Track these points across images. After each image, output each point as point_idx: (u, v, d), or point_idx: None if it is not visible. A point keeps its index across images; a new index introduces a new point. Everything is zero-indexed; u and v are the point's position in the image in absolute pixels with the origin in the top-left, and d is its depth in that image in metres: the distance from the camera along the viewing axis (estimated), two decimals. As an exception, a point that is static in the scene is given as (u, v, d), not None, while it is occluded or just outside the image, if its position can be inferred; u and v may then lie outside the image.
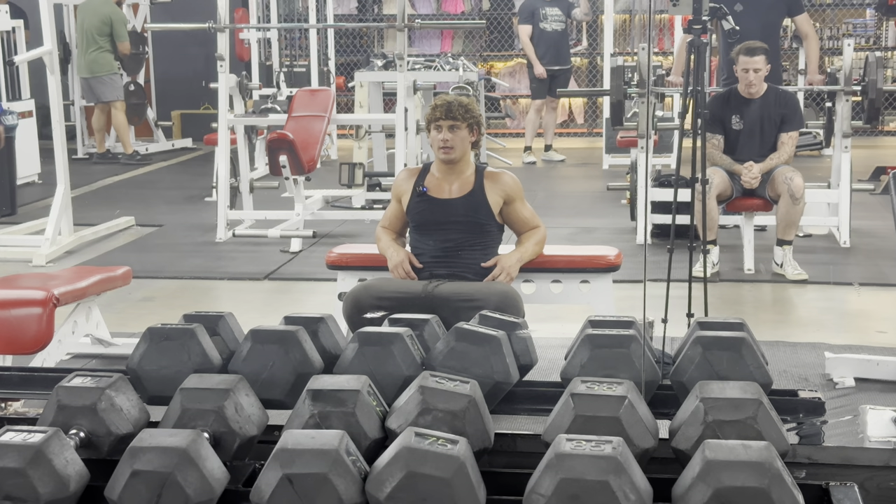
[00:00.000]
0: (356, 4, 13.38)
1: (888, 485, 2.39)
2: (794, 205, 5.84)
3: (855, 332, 5.06)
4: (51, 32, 6.95)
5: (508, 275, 4.13)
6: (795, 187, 5.80)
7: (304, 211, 7.24)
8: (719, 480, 1.94)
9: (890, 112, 11.97)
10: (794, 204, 5.84)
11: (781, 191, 5.84)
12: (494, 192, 4.20)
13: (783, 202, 5.87)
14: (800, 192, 5.81)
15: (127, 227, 7.73)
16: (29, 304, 3.96)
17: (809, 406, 2.64)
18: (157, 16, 11.64)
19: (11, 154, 7.84)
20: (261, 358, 2.68)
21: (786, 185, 5.82)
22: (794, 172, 5.86)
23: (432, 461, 1.99)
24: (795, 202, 5.83)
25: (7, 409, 2.89)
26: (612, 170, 9.76)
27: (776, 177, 5.89)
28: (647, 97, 6.41)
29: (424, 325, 2.90)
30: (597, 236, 7.07)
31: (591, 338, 2.68)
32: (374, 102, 8.98)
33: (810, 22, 6.88)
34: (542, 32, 10.32)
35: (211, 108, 10.49)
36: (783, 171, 5.88)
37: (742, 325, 2.81)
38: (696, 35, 4.22)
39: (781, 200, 5.88)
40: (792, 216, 5.90)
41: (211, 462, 2.10)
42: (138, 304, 5.65)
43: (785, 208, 5.88)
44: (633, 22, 11.69)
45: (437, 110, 4.17)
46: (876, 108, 6.49)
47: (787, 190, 5.81)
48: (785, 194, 5.83)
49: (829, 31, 12.21)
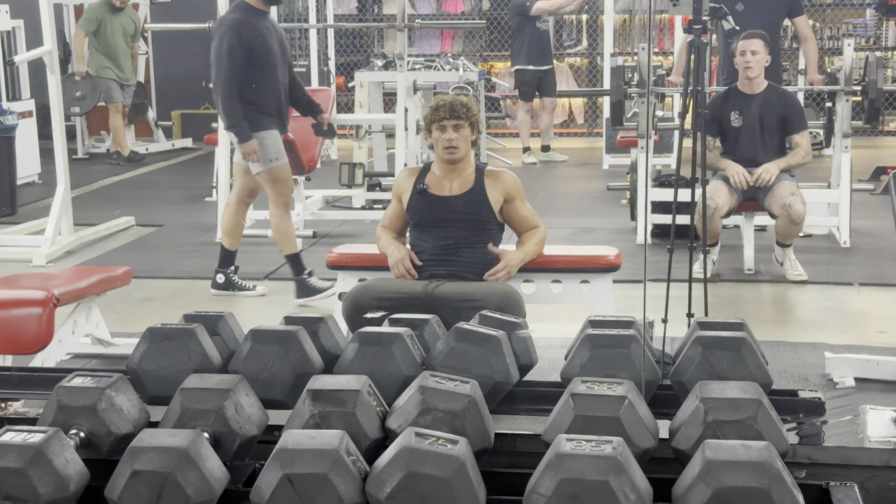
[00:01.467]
0: (356, 4, 13.38)
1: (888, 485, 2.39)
2: (792, 226, 5.76)
3: (855, 332, 5.06)
4: (51, 32, 6.95)
5: (508, 273, 4.13)
6: (795, 214, 5.66)
7: (304, 211, 7.24)
8: (719, 480, 1.94)
9: (890, 112, 11.97)
10: (793, 225, 5.75)
11: (780, 213, 5.73)
12: (495, 189, 4.21)
13: (781, 222, 5.77)
14: (799, 218, 5.68)
15: (127, 227, 7.73)
16: (29, 304, 3.96)
17: (809, 406, 2.64)
18: (157, 16, 11.64)
19: (11, 154, 7.84)
20: (261, 358, 2.68)
21: (785, 210, 5.68)
22: (795, 198, 5.68)
23: (432, 461, 1.99)
24: (794, 225, 5.74)
25: (7, 409, 2.89)
26: (612, 170, 9.76)
27: (776, 193, 5.73)
28: (647, 97, 6.41)
29: (424, 325, 2.90)
30: (597, 236, 7.07)
31: (591, 338, 2.68)
32: (374, 102, 8.98)
33: (809, 24, 6.88)
34: (536, 32, 10.30)
35: (211, 108, 10.49)
36: (784, 192, 5.70)
37: (742, 326, 2.81)
38: (696, 35, 4.22)
39: (779, 221, 5.78)
40: (790, 232, 5.82)
41: (211, 462, 2.10)
42: (138, 304, 5.65)
43: (783, 226, 5.79)
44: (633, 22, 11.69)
45: (441, 110, 4.16)
46: (876, 108, 6.49)
47: (787, 215, 5.68)
48: (784, 217, 5.72)
49: (829, 31, 12.20)
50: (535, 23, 10.26)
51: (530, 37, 10.27)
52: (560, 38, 13.00)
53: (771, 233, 6.31)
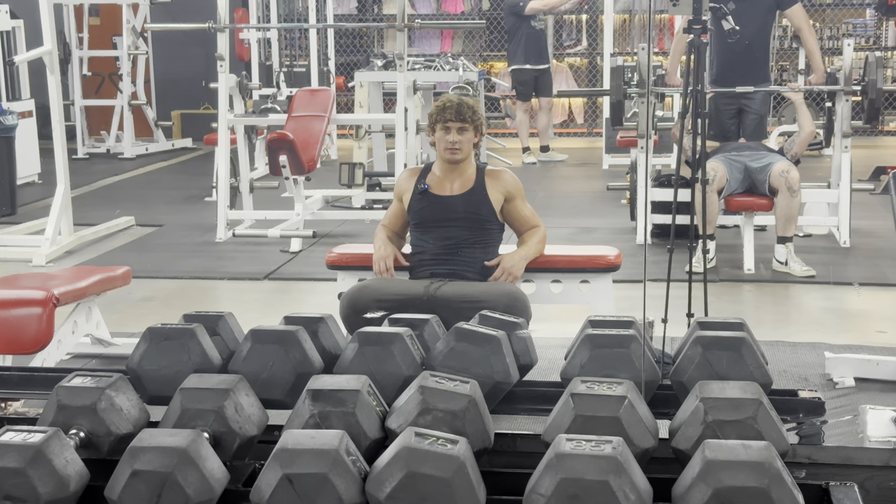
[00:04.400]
0: (356, 4, 13.38)
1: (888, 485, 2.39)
2: (791, 197, 5.98)
3: (855, 332, 5.06)
4: (51, 32, 6.95)
5: (511, 274, 4.12)
6: (792, 179, 5.98)
7: (304, 211, 7.23)
8: (719, 480, 1.94)
9: (890, 112, 11.97)
10: (792, 196, 5.97)
11: (779, 184, 5.99)
12: (496, 189, 4.21)
13: (781, 196, 5.99)
14: (796, 183, 5.98)
15: (127, 227, 7.72)
16: (29, 304, 3.96)
17: (809, 406, 2.64)
18: (157, 16, 11.63)
19: (11, 154, 7.84)
20: (261, 358, 2.68)
21: (783, 177, 5.98)
22: (790, 166, 6.06)
23: (432, 461, 1.99)
24: (793, 194, 5.97)
25: (7, 409, 2.89)
26: (612, 170, 9.75)
27: (774, 172, 6.03)
28: (647, 97, 6.41)
29: (424, 325, 2.90)
30: (597, 236, 7.07)
31: (591, 338, 2.68)
32: (374, 102, 8.97)
33: (803, 15, 6.83)
34: (532, 31, 10.31)
35: (211, 108, 10.49)
36: (781, 165, 6.04)
37: (742, 325, 2.81)
38: (696, 35, 4.22)
39: (780, 195, 5.99)
40: (791, 209, 6.00)
41: (211, 462, 2.10)
42: (138, 304, 5.65)
43: (784, 201, 5.99)
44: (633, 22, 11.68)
45: (447, 111, 4.15)
46: (876, 108, 6.49)
47: (785, 182, 5.97)
48: (783, 187, 5.98)
49: (829, 31, 12.20)
50: (530, 22, 10.28)
51: (526, 36, 10.29)
52: (560, 38, 13.01)
53: (771, 233, 6.32)
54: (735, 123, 6.62)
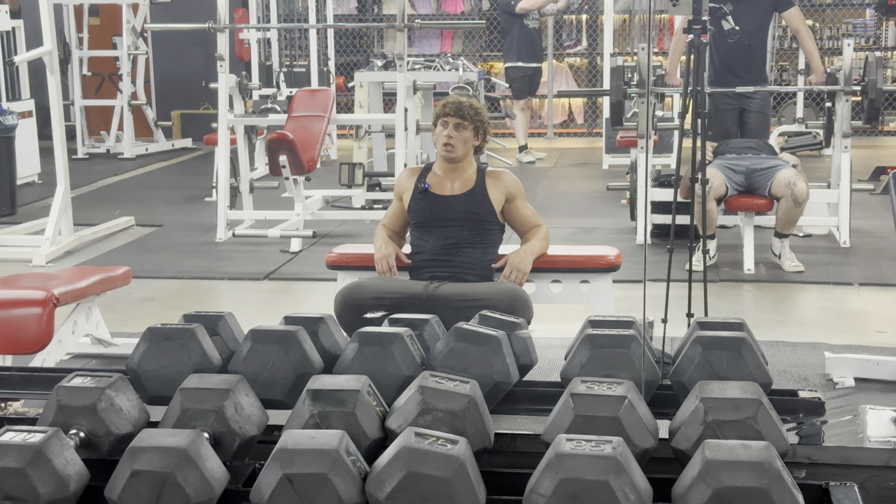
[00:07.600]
0: (356, 4, 13.38)
1: (888, 485, 2.39)
2: (795, 207, 5.94)
3: (855, 332, 5.06)
4: (51, 32, 6.95)
5: (520, 271, 4.11)
6: (799, 192, 5.89)
7: (304, 211, 7.23)
8: (719, 480, 1.94)
9: (890, 112, 11.97)
10: (796, 206, 5.94)
11: (784, 194, 5.93)
12: (496, 189, 4.21)
13: (784, 203, 5.96)
14: (803, 196, 5.90)
15: (127, 227, 7.72)
16: (29, 304, 3.95)
17: (809, 406, 2.64)
18: (157, 16, 11.63)
19: (11, 154, 7.83)
20: (261, 358, 2.68)
21: (789, 189, 5.90)
22: (798, 177, 5.93)
23: (432, 461, 1.99)
24: (798, 205, 5.93)
25: (7, 409, 2.89)
26: (612, 170, 9.75)
27: (779, 179, 5.95)
28: (647, 97, 6.41)
29: (424, 325, 2.90)
30: (597, 236, 7.07)
31: (591, 338, 2.68)
32: (374, 102, 8.97)
33: (801, 17, 6.84)
34: (525, 29, 10.33)
35: (211, 108, 10.48)
36: (787, 175, 5.94)
37: (742, 325, 2.81)
38: (696, 35, 4.22)
39: (783, 201, 5.96)
40: (792, 216, 6.00)
41: (211, 462, 2.10)
42: (138, 304, 5.65)
43: (786, 208, 5.96)
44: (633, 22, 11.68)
45: (448, 107, 4.18)
46: (876, 108, 6.48)
47: (791, 194, 5.90)
48: (788, 197, 5.92)
49: (829, 31, 12.20)
50: (522, 20, 10.31)
51: (519, 35, 10.33)
52: (560, 38, 13.01)
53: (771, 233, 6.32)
54: (735, 124, 6.62)
